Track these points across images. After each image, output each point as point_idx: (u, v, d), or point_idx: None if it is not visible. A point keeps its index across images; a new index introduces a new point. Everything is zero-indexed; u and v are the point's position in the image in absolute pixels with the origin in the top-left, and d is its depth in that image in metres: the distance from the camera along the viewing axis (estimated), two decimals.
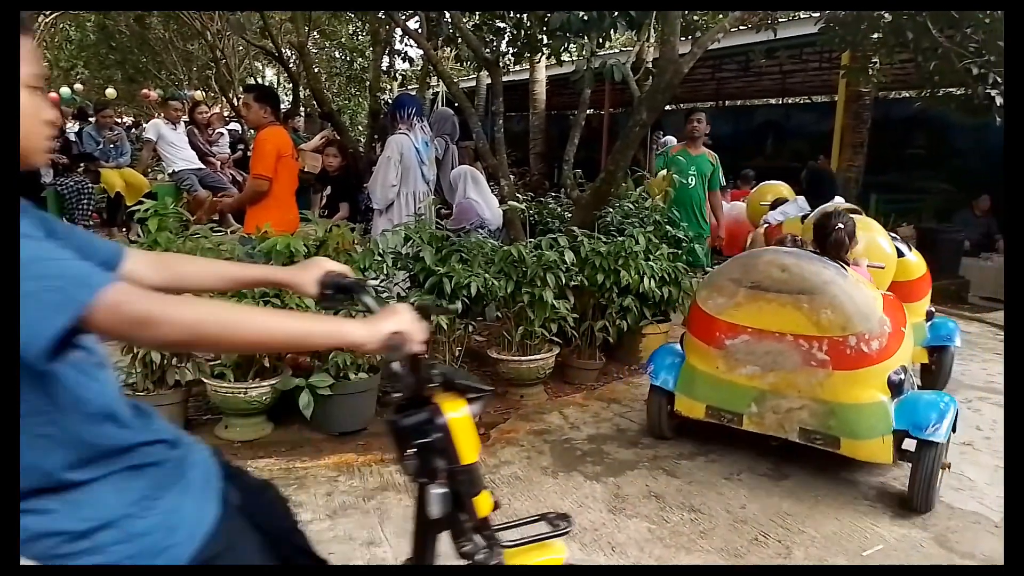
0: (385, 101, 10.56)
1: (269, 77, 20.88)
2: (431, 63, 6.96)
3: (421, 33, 6.57)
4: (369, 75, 12.05)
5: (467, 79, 15.42)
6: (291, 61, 12.27)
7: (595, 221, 4.90)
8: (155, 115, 10.38)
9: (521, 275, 4.04)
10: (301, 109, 11.77)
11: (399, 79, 11.51)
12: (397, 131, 5.09)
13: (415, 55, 9.93)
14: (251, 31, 11.83)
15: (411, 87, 11.44)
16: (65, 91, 15.71)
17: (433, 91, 14.72)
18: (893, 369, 3.08)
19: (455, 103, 6.17)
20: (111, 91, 16.24)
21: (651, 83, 5.03)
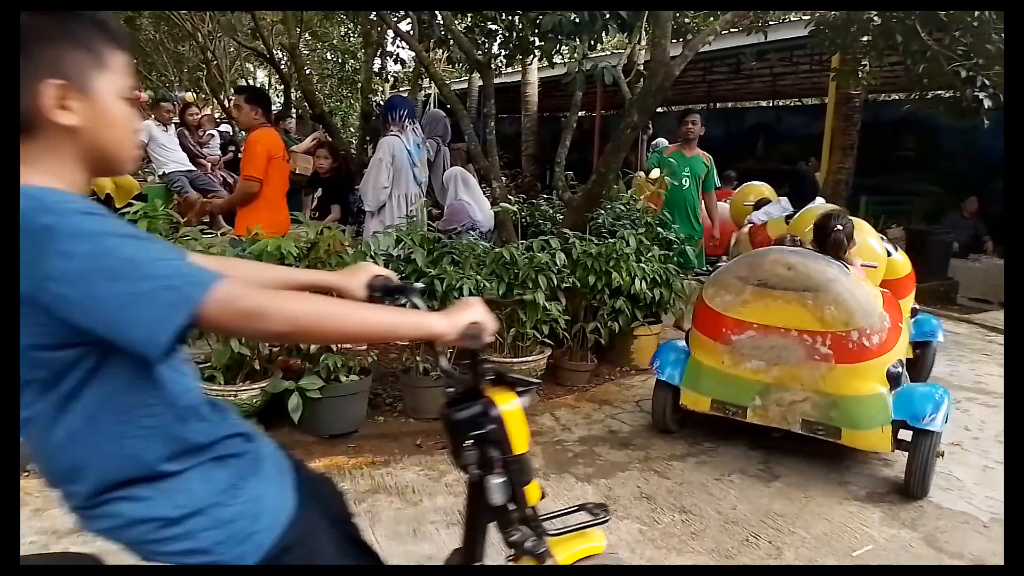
0: (377, 103, 10.55)
1: (260, 79, 20.82)
2: (423, 65, 6.96)
3: (413, 35, 6.58)
4: (361, 77, 12.04)
5: (459, 81, 15.44)
6: (282, 63, 12.24)
7: (587, 223, 4.91)
8: (145, 117, 10.33)
9: (513, 277, 4.04)
10: (292, 111, 11.74)
11: (391, 81, 11.52)
12: (389, 133, 5.08)
13: (407, 57, 9.96)
14: (242, 32, 11.83)
15: (403, 89, 11.44)
16: None
17: (425, 93, 14.71)
18: (891, 362, 3.21)
19: (447, 105, 6.17)
20: None
21: (642, 85, 5.05)
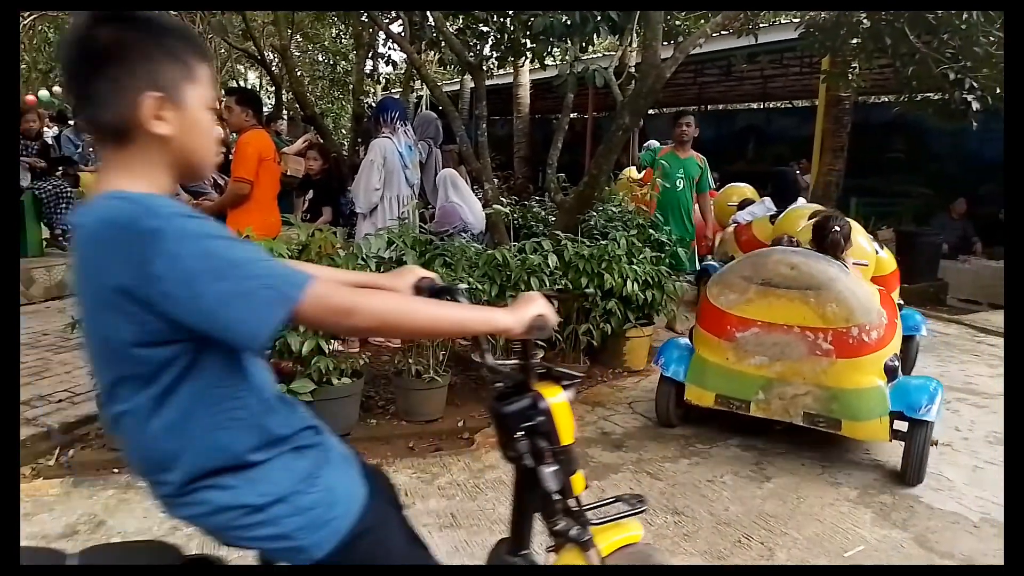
0: (368, 105, 10.55)
1: (251, 80, 20.78)
2: (414, 67, 6.95)
3: (404, 36, 6.57)
4: (352, 78, 12.03)
5: (450, 83, 15.43)
6: (273, 64, 12.21)
7: (579, 225, 4.91)
8: None
9: (505, 279, 4.04)
10: (283, 112, 11.72)
11: (382, 82, 11.49)
12: (380, 135, 5.08)
13: (398, 59, 9.94)
14: (233, 34, 11.77)
15: (394, 91, 11.40)
16: (44, 94, 15.53)
17: (416, 95, 14.71)
18: (889, 356, 3.34)
19: (439, 107, 6.16)
20: None
21: (633, 87, 5.06)
